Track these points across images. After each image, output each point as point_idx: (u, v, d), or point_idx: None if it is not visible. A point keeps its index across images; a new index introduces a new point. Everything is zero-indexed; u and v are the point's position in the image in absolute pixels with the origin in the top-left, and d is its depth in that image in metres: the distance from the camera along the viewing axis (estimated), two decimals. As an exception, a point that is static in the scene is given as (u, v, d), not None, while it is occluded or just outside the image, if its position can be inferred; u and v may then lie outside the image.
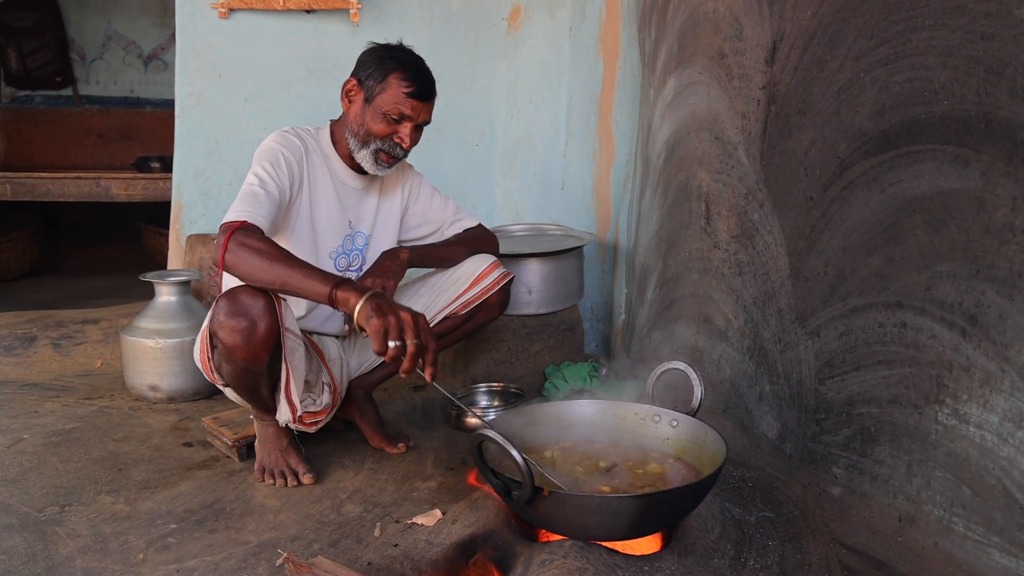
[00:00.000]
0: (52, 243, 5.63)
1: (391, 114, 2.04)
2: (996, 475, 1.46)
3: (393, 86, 2.03)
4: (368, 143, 2.08)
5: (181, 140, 3.35)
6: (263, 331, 1.85)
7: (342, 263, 2.21)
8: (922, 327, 1.59)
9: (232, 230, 1.78)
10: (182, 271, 2.96)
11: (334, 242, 2.18)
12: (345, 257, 2.21)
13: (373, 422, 2.35)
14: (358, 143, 2.09)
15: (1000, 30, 1.41)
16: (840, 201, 1.78)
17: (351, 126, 2.10)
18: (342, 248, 2.20)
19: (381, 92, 2.04)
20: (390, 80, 2.03)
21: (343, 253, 2.21)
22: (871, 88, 1.69)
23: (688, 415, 1.64)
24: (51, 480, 2.09)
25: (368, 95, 2.06)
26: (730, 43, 2.15)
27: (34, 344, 3.11)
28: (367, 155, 2.09)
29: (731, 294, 2.15)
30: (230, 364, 1.92)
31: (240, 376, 1.95)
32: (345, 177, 2.19)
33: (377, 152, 2.08)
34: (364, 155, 2.09)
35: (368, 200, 2.25)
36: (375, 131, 2.06)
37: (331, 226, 2.16)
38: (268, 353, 1.91)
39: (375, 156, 2.09)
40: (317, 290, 1.69)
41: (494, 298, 2.30)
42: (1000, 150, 1.42)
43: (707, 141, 2.25)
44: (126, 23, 6.11)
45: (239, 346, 1.86)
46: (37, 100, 6.00)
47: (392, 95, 2.03)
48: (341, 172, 2.18)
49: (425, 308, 2.29)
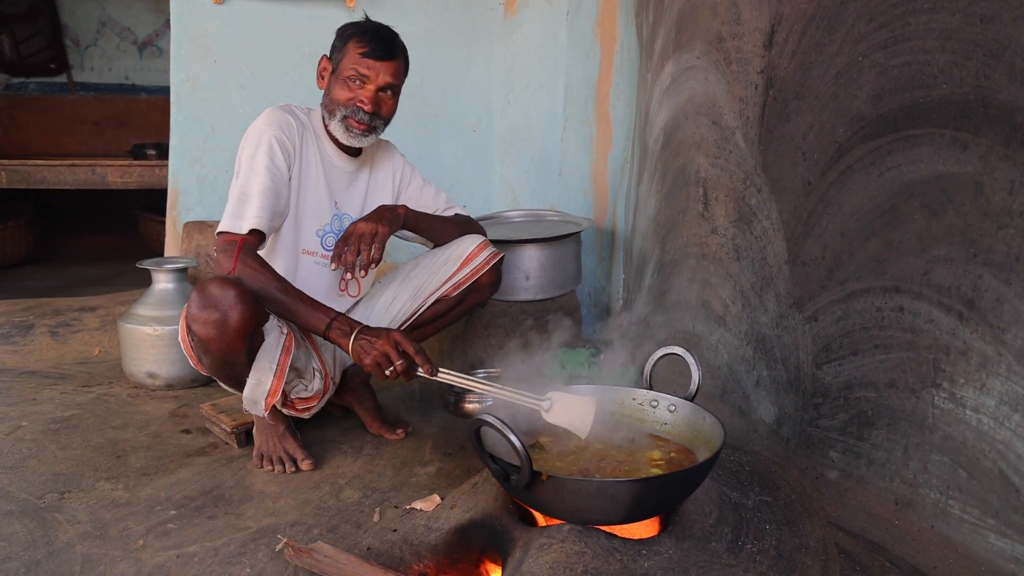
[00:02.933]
0: (48, 231, 5.61)
1: (351, 78, 2.07)
2: (992, 458, 1.47)
3: (351, 50, 2.06)
4: (335, 112, 2.10)
5: (177, 127, 3.33)
6: (236, 321, 1.82)
7: (329, 242, 2.19)
8: (919, 311, 1.59)
9: (239, 249, 1.89)
10: (179, 258, 2.95)
11: (322, 219, 2.18)
12: (333, 236, 2.20)
13: (371, 408, 2.35)
14: (329, 115, 2.12)
15: (999, 13, 1.41)
16: (838, 185, 1.77)
17: (325, 104, 2.13)
18: (330, 227, 2.19)
19: (340, 60, 2.08)
20: (348, 46, 2.07)
21: (331, 232, 2.20)
22: (869, 72, 1.69)
23: (686, 400, 1.64)
24: (50, 467, 2.10)
25: (334, 67, 2.10)
26: (728, 27, 2.14)
27: (31, 332, 3.10)
28: (338, 125, 2.10)
29: (729, 279, 2.15)
30: (208, 356, 1.91)
31: (220, 367, 1.94)
32: (335, 158, 2.20)
33: (345, 120, 2.09)
34: (335, 126, 2.11)
35: (357, 183, 2.26)
36: (338, 98, 2.08)
37: (318, 204, 2.16)
38: (244, 343, 1.88)
39: (345, 125, 2.10)
40: (315, 323, 1.86)
41: (485, 278, 2.28)
42: (999, 134, 1.42)
43: (705, 126, 2.25)
44: (120, 9, 6.06)
45: (213, 338, 1.84)
46: (31, 87, 5.96)
47: (350, 59, 2.06)
48: (331, 153, 2.19)
49: (417, 291, 2.29)
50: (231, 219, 1.94)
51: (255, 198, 1.97)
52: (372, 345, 1.77)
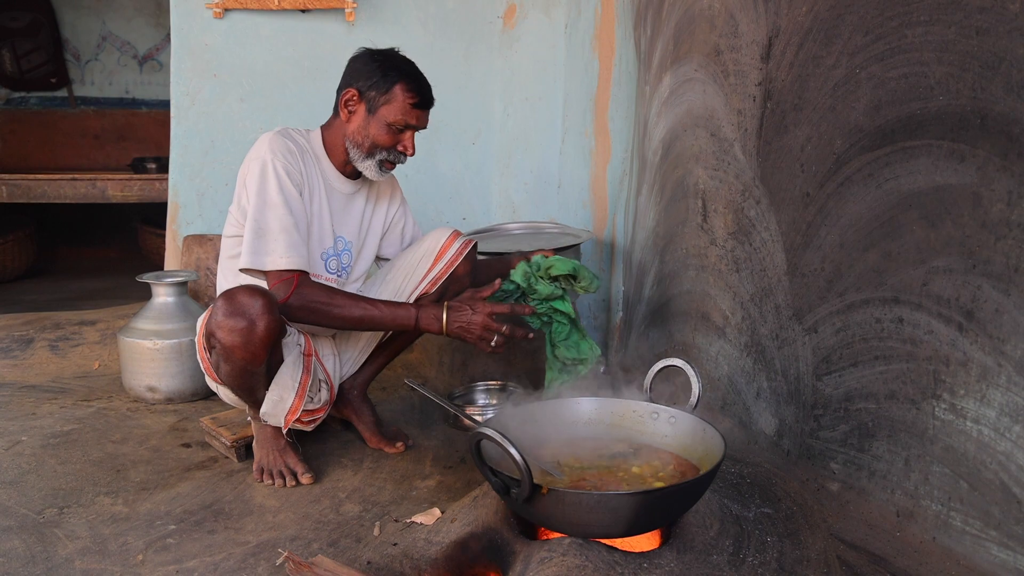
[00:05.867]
0: (48, 244, 5.62)
1: (396, 124, 2.07)
2: (993, 469, 1.46)
3: (399, 98, 2.06)
4: (373, 153, 2.10)
5: (177, 141, 3.34)
6: (262, 331, 1.85)
7: (333, 265, 2.21)
8: (919, 322, 1.59)
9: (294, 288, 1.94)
10: (179, 272, 2.95)
11: (325, 243, 2.18)
12: (336, 259, 2.22)
13: (371, 423, 2.35)
14: (361, 154, 2.11)
15: (995, 25, 1.41)
16: (836, 197, 1.78)
17: (353, 137, 2.11)
18: (333, 250, 2.20)
19: (386, 104, 2.06)
20: (395, 91, 2.05)
21: (334, 255, 2.21)
22: (867, 84, 1.69)
23: (686, 412, 1.64)
24: (50, 482, 2.09)
25: (371, 106, 2.08)
26: (726, 40, 2.15)
27: (31, 346, 3.10)
28: (372, 164, 2.12)
29: (728, 291, 2.15)
30: (228, 364, 1.92)
31: (238, 376, 1.96)
32: (334, 181, 2.19)
33: (382, 162, 2.12)
34: (368, 164, 2.12)
35: (354, 206, 2.26)
36: (379, 141, 2.08)
37: (321, 228, 2.16)
38: (267, 352, 1.91)
39: (380, 165, 2.12)
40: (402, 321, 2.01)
41: (461, 268, 2.28)
42: (996, 145, 1.42)
43: (703, 138, 2.25)
44: (121, 23, 6.09)
45: (238, 346, 1.86)
46: (32, 101, 5.98)
47: (398, 107, 2.06)
48: (331, 176, 2.19)
49: (395, 293, 2.29)
50: (269, 256, 1.95)
51: (278, 234, 1.96)
52: (470, 322, 1.96)
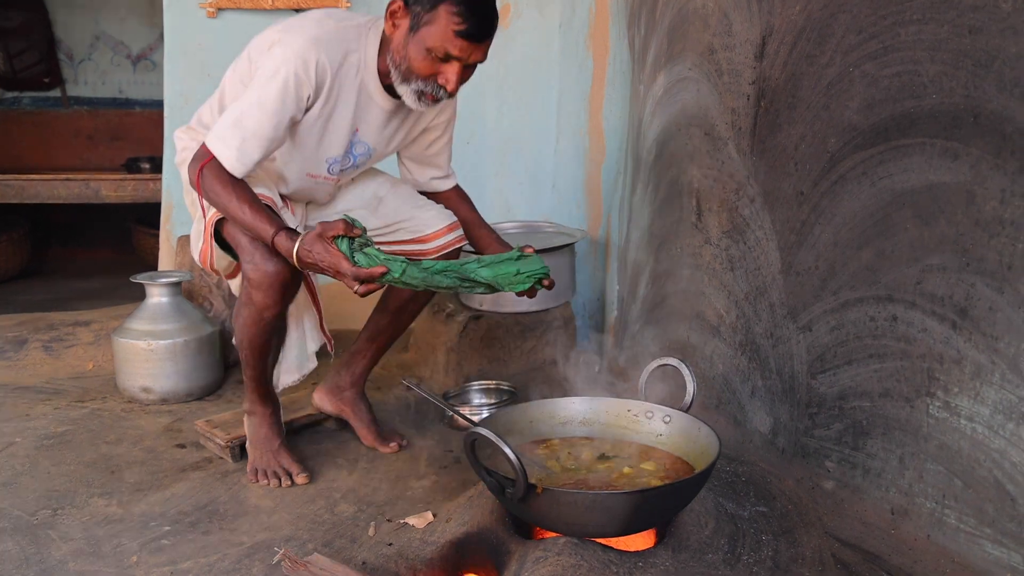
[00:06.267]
0: (42, 244, 5.60)
1: (436, 52, 1.77)
2: (987, 467, 1.47)
3: (442, 19, 1.74)
4: (409, 80, 1.84)
5: (170, 142, 3.33)
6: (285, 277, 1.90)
7: (335, 169, 2.06)
8: (913, 320, 1.60)
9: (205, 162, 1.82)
10: (173, 272, 2.94)
11: (334, 151, 2.01)
12: (337, 163, 2.06)
13: (367, 420, 2.34)
14: (399, 76, 1.85)
15: (987, 24, 1.42)
16: (831, 195, 1.78)
17: (393, 56, 1.85)
18: (341, 158, 2.04)
19: (428, 24, 1.75)
20: (439, 11, 1.74)
21: (337, 160, 2.04)
22: (860, 82, 1.70)
23: (681, 411, 1.64)
24: (43, 483, 2.09)
25: (414, 23, 1.78)
26: (719, 39, 2.16)
27: (25, 347, 3.09)
28: (409, 92, 1.86)
29: (723, 289, 2.16)
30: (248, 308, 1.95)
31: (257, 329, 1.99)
32: (375, 93, 1.96)
33: (420, 92, 1.85)
34: (405, 91, 1.86)
35: (391, 122, 2.04)
36: (417, 69, 1.81)
37: (338, 137, 1.98)
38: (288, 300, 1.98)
39: (418, 95, 1.85)
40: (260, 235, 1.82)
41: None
42: (989, 143, 1.43)
43: (697, 137, 2.26)
44: (114, 23, 6.06)
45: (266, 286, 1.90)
46: (25, 101, 5.95)
47: (440, 31, 1.74)
48: (372, 87, 1.95)
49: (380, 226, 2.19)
50: (218, 141, 1.83)
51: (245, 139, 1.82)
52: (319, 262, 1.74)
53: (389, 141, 2.09)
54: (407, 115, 2.05)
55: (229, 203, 1.83)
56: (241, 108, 1.83)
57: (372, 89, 1.95)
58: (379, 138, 2.05)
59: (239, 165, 1.84)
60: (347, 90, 1.92)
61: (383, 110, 1.99)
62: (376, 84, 1.94)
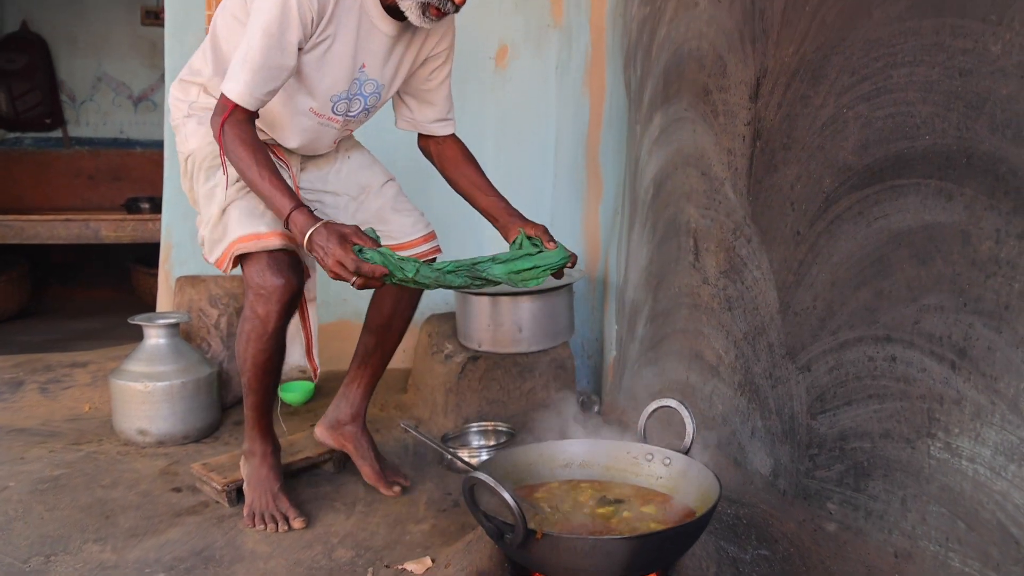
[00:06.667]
0: (41, 284, 5.61)
1: None
2: (991, 509, 1.45)
3: None
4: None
5: (170, 181, 3.35)
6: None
7: (341, 108, 2.03)
8: (912, 360, 1.59)
9: (227, 114, 1.81)
10: (171, 313, 2.94)
11: (339, 86, 1.98)
12: (345, 102, 2.03)
13: (370, 457, 2.31)
14: None
15: (978, 66, 1.43)
16: (827, 235, 1.79)
17: None
18: (347, 93, 2.01)
19: None
20: None
21: (344, 98, 2.01)
22: (854, 123, 1.71)
23: (681, 453, 1.63)
24: (37, 529, 2.06)
25: None
26: (714, 80, 2.18)
27: (21, 389, 3.08)
28: (413, 6, 1.83)
29: (721, 329, 2.15)
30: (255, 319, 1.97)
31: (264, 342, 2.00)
32: (376, 18, 1.93)
33: (426, 5, 1.82)
34: (410, 5, 1.84)
35: (395, 50, 2.01)
36: None
37: (340, 70, 1.95)
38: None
39: (423, 8, 1.83)
40: (278, 212, 1.82)
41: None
42: (982, 184, 1.43)
43: (694, 177, 2.27)
44: (116, 64, 6.14)
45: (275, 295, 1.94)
46: (27, 142, 6.01)
47: None
48: (374, 13, 1.92)
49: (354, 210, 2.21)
50: (230, 80, 1.82)
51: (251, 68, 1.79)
52: (329, 253, 1.71)
53: (395, 73, 2.05)
54: (410, 41, 2.02)
55: (249, 168, 1.81)
56: (247, 43, 1.80)
57: (373, 13, 1.91)
58: (384, 71, 2.02)
59: (252, 100, 1.82)
60: (348, 14, 1.88)
61: (386, 35, 1.95)
62: (377, 7, 1.91)
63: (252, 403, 2.11)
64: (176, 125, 2.15)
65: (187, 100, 2.12)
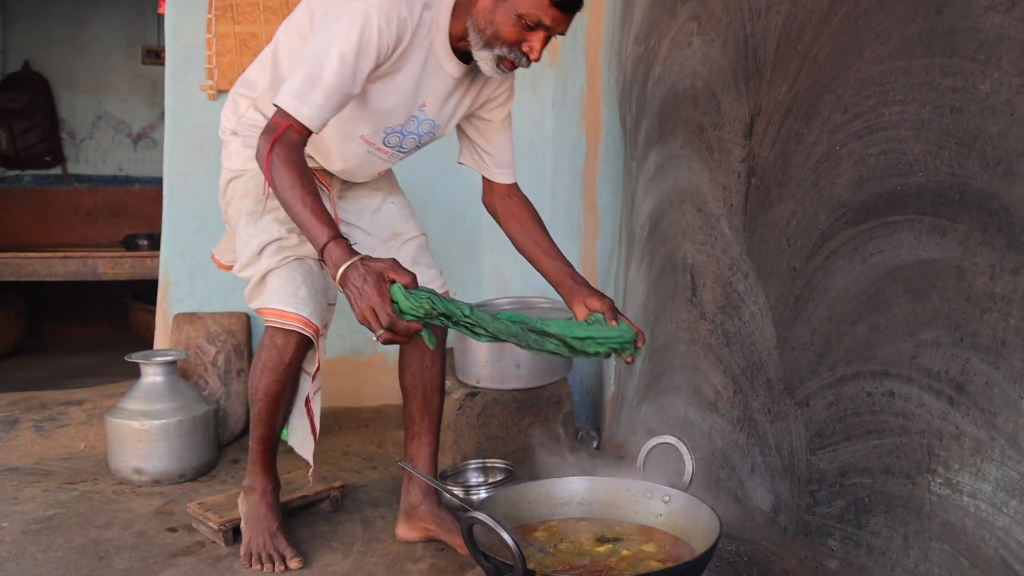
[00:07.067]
0: (37, 320, 5.60)
1: (527, 19, 1.72)
2: (993, 545, 1.44)
3: None
4: (492, 46, 1.78)
5: (169, 219, 3.37)
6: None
7: (392, 140, 1.99)
8: (910, 396, 1.59)
9: (278, 135, 1.70)
10: (168, 351, 2.93)
11: (395, 119, 1.94)
12: (398, 136, 1.98)
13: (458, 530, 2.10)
14: (480, 42, 1.79)
15: (968, 104, 1.45)
16: (823, 271, 1.80)
17: (476, 19, 1.79)
18: (402, 127, 1.97)
19: None
20: None
21: (398, 131, 1.97)
22: (848, 160, 1.73)
23: (680, 490, 1.63)
24: (29, 571, 2.04)
25: None
26: (709, 117, 2.21)
27: (16, 427, 3.06)
28: (488, 57, 1.80)
29: (719, 364, 2.15)
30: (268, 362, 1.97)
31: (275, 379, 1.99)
32: (443, 58, 1.89)
33: (501, 58, 1.80)
34: (485, 56, 1.81)
35: (456, 91, 1.98)
36: (504, 35, 1.76)
37: (401, 104, 1.91)
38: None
39: (497, 61, 1.80)
40: (314, 241, 1.68)
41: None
42: (975, 220, 1.45)
43: (690, 213, 2.29)
44: (116, 103, 6.20)
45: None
46: (26, 179, 6.04)
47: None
48: (441, 53, 1.88)
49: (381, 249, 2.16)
50: (293, 98, 1.72)
51: (323, 91, 1.72)
52: (362, 294, 1.56)
53: (452, 115, 2.02)
54: (471, 84, 1.99)
55: (291, 191, 1.69)
56: (318, 61, 1.73)
57: (441, 53, 1.87)
58: (443, 111, 1.98)
59: (318, 123, 1.75)
60: (418, 50, 1.84)
61: (450, 77, 1.92)
62: (446, 48, 1.87)
63: (259, 435, 2.07)
64: (224, 139, 2.11)
65: (236, 114, 2.08)
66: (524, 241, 2.16)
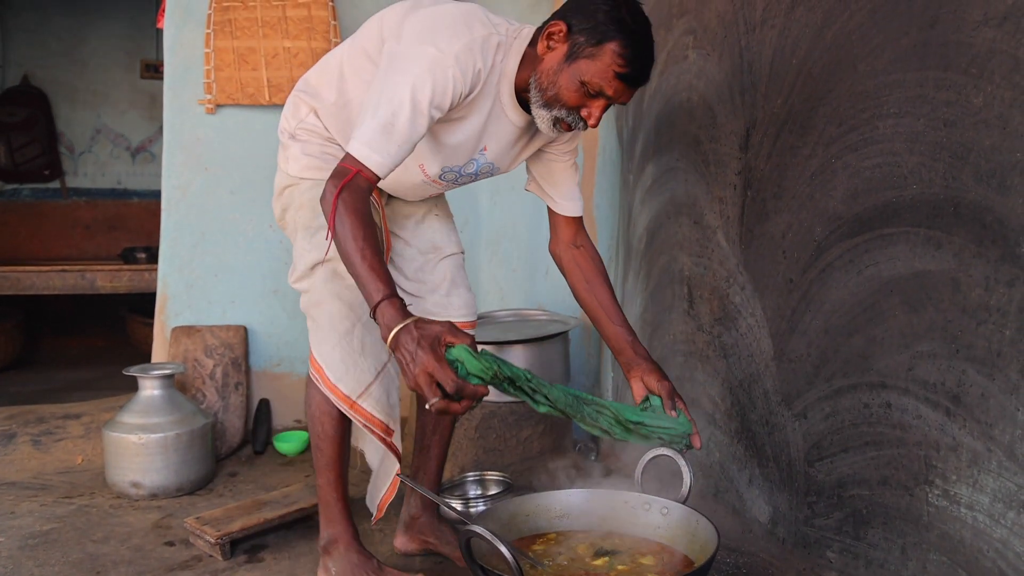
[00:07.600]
0: (35, 334, 5.60)
1: (591, 87, 1.69)
2: (991, 557, 1.44)
3: (606, 58, 1.66)
4: (552, 107, 1.74)
5: (167, 233, 3.37)
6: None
7: (449, 177, 1.95)
8: (907, 407, 1.59)
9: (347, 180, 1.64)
10: (166, 364, 2.93)
11: (456, 160, 1.90)
12: (455, 174, 1.95)
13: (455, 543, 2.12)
14: (541, 100, 1.74)
15: (961, 117, 1.47)
16: (819, 283, 1.80)
17: (540, 78, 1.74)
18: (462, 167, 1.93)
19: (589, 58, 1.67)
20: (605, 48, 1.66)
21: (456, 170, 1.93)
22: (843, 173, 1.74)
23: (678, 502, 1.63)
24: (27, 586, 2.03)
25: (572, 51, 1.69)
26: (705, 131, 2.22)
27: (13, 441, 3.05)
28: (547, 117, 1.76)
29: (716, 376, 2.16)
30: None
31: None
32: (508, 107, 1.84)
33: (558, 120, 1.75)
34: (543, 115, 1.76)
35: (520, 140, 1.94)
36: (565, 99, 1.72)
37: (464, 147, 1.87)
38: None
39: (554, 122, 1.76)
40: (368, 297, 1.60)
41: None
42: (970, 232, 1.45)
43: (687, 225, 2.30)
44: (115, 117, 6.23)
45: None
46: (25, 193, 6.05)
47: (601, 68, 1.67)
48: (507, 100, 1.83)
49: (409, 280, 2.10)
50: (366, 147, 1.66)
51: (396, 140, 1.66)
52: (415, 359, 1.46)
53: (513, 160, 1.99)
54: (535, 134, 1.95)
55: (353, 241, 1.62)
56: (391, 109, 1.66)
57: (506, 101, 1.83)
58: (504, 157, 1.95)
59: (385, 169, 1.66)
60: (486, 97, 1.80)
61: (515, 126, 1.88)
62: (511, 97, 1.83)
63: (330, 479, 1.91)
64: (282, 141, 2.03)
65: (296, 117, 2.00)
66: (588, 299, 2.05)
